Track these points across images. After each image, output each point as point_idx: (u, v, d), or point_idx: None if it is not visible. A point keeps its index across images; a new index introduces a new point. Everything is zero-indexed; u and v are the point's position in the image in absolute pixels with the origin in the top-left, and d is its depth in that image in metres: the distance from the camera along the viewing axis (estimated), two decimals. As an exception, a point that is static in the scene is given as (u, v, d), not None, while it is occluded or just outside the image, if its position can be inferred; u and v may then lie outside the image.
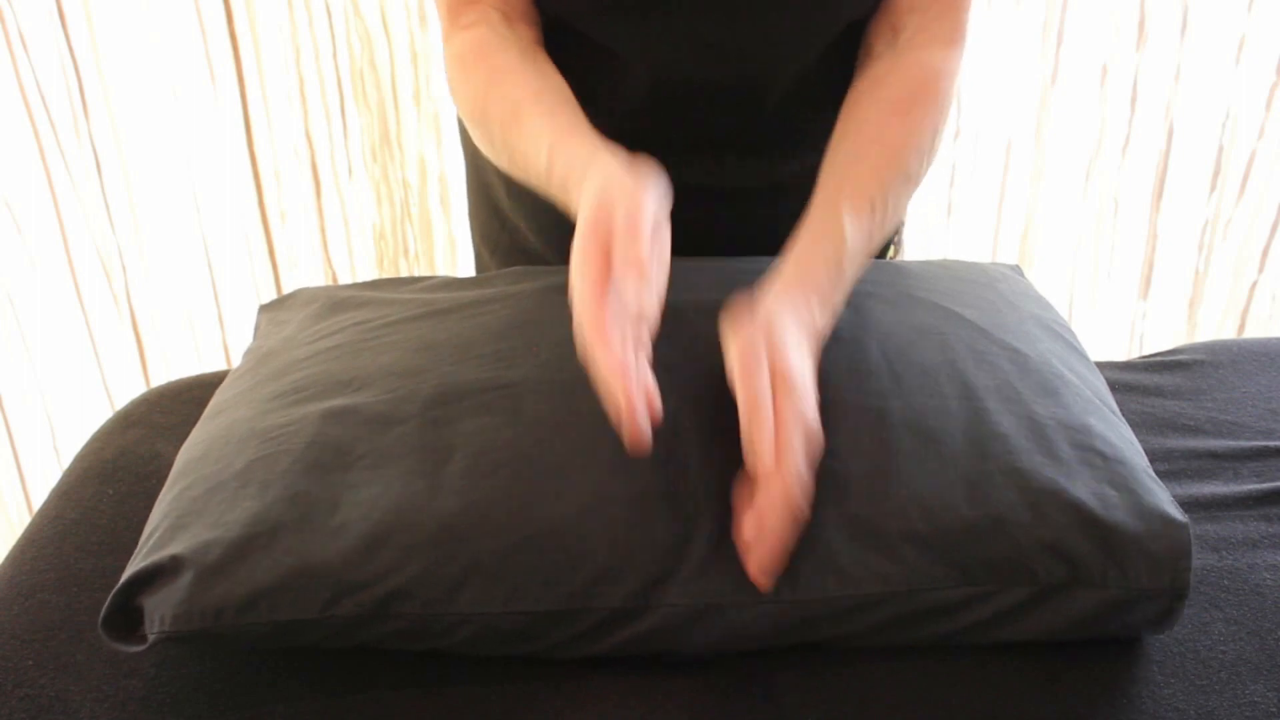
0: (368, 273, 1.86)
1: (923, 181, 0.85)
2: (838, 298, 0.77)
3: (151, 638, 0.66)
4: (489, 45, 0.87)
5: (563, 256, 0.89)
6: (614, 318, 0.64)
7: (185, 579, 0.66)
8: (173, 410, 0.97)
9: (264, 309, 0.96)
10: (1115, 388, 0.94)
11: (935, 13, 0.87)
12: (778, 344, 0.68)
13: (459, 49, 0.89)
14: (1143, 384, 0.98)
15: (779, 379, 0.67)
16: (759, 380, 0.66)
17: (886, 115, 0.84)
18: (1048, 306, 0.90)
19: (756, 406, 0.65)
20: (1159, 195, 1.86)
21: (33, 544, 0.82)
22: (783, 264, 0.76)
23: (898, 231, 1.11)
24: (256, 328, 0.94)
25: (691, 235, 0.81)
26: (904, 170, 0.82)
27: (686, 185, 0.96)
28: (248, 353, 0.89)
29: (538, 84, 0.83)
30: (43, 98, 1.61)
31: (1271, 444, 0.88)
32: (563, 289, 0.79)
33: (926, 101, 0.84)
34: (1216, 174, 1.84)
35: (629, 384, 0.62)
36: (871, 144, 0.82)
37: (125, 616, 0.67)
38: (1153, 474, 0.73)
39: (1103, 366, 0.99)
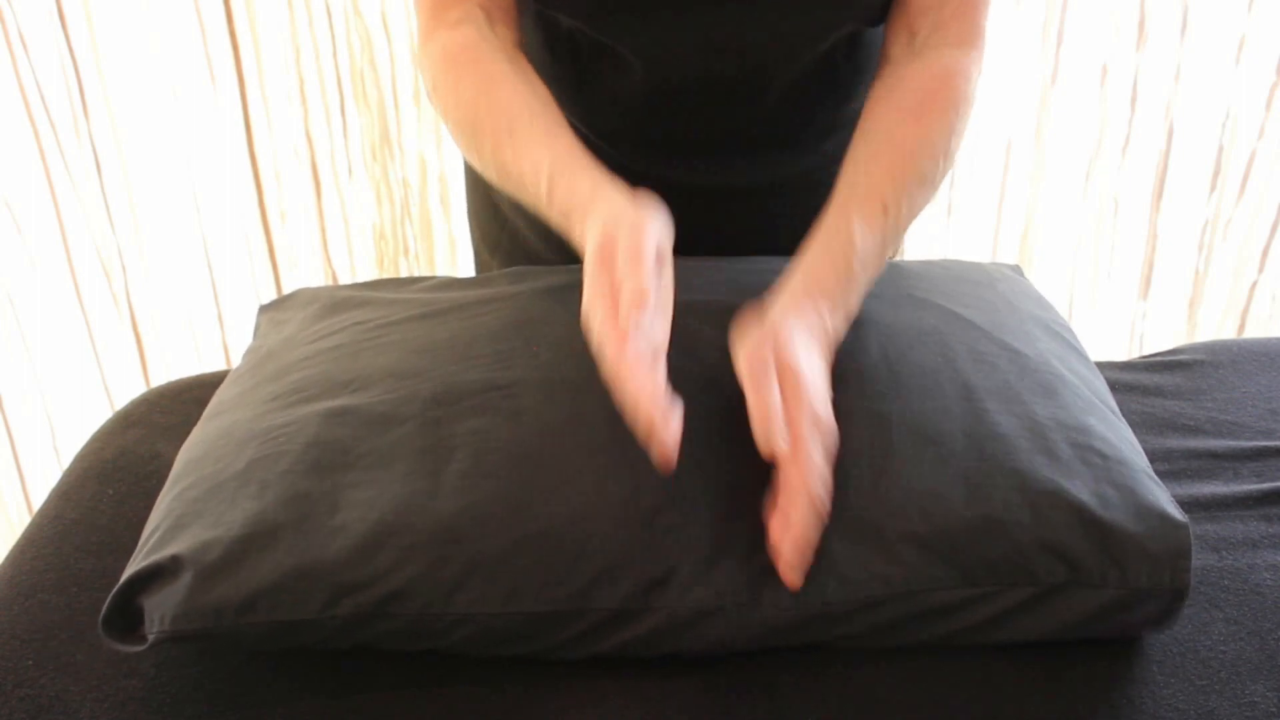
0: (368, 273, 1.86)
1: (941, 183, 0.84)
2: (850, 301, 0.77)
3: (151, 638, 0.66)
4: (478, 48, 0.86)
5: (563, 256, 0.90)
6: (634, 344, 0.65)
7: (185, 579, 0.66)
8: (173, 410, 0.97)
9: (264, 309, 0.96)
10: (1115, 388, 0.94)
11: (950, 13, 0.87)
12: (784, 344, 0.69)
13: (445, 47, 0.87)
14: (1143, 384, 0.98)
15: (786, 375, 0.67)
16: (766, 378, 0.66)
17: (900, 118, 0.84)
18: (1048, 306, 0.90)
19: (765, 402, 0.65)
20: (1159, 195, 1.86)
21: (33, 544, 0.82)
22: (791, 272, 0.76)
23: (898, 232, 1.11)
24: (256, 328, 0.94)
25: (691, 235, 0.81)
26: (918, 172, 0.81)
27: (685, 185, 0.96)
28: (248, 353, 0.89)
29: (531, 98, 0.83)
30: (43, 98, 1.61)
31: (1271, 444, 0.88)
32: (563, 289, 0.79)
33: (943, 102, 0.84)
34: (1216, 174, 1.84)
35: (656, 409, 0.63)
36: (884, 147, 0.82)
37: (125, 617, 0.67)
38: (1153, 474, 0.73)
39: (1103, 366, 0.99)
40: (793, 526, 0.65)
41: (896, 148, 0.82)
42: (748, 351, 0.68)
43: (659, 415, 0.63)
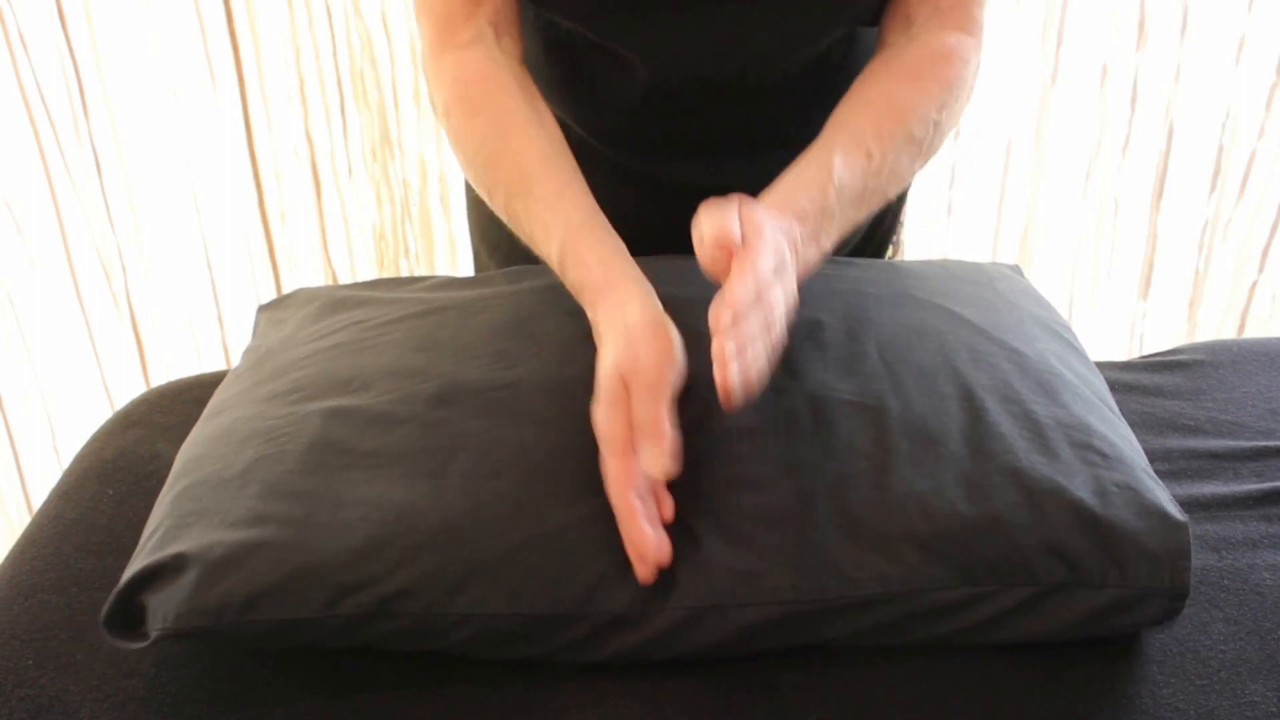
0: (368, 273, 1.86)
1: (928, 155, 0.84)
2: (823, 235, 0.76)
3: (154, 635, 0.66)
4: (493, 79, 0.85)
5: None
6: (638, 479, 0.67)
7: (189, 577, 0.66)
8: (173, 410, 0.97)
9: (263, 309, 0.96)
10: (1115, 388, 0.94)
11: (949, 2, 0.87)
12: (750, 210, 0.68)
13: (458, 75, 0.85)
14: (1143, 384, 0.98)
15: (749, 225, 0.67)
16: (728, 213, 0.66)
17: (893, 79, 0.83)
18: (1047, 306, 0.90)
19: (721, 220, 0.66)
20: (1159, 195, 1.86)
21: (33, 544, 0.82)
22: (766, 193, 0.75)
23: (897, 232, 1.11)
24: (255, 327, 0.94)
25: (690, 235, 0.81)
26: (907, 130, 0.80)
27: (684, 185, 0.96)
28: (247, 352, 0.89)
29: (546, 148, 0.82)
30: (43, 98, 1.61)
31: (1271, 444, 0.88)
32: (561, 287, 0.79)
33: (940, 74, 0.84)
34: (1216, 174, 1.84)
35: (647, 548, 0.65)
36: (875, 102, 0.82)
37: (126, 614, 0.67)
38: (1152, 473, 0.73)
39: (1103, 366, 0.99)
40: (738, 320, 0.63)
41: (888, 104, 0.81)
42: (711, 209, 0.67)
43: (651, 554, 0.65)
